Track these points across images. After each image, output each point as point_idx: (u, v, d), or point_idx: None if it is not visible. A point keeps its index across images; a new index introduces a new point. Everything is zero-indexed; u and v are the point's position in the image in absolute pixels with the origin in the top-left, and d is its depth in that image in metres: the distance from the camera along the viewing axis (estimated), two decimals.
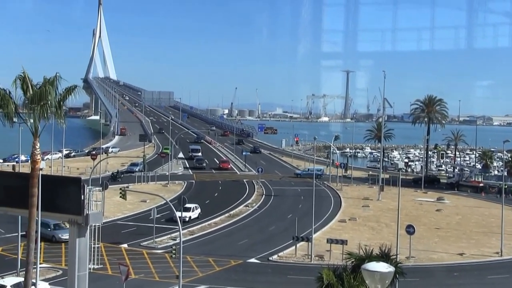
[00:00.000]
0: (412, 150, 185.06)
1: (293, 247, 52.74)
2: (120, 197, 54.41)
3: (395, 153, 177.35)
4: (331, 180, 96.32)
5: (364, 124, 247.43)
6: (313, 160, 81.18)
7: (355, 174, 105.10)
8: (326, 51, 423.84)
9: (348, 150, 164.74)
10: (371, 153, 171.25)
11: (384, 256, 27.41)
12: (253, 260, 50.57)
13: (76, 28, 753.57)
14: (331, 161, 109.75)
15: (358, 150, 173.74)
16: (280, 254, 52.33)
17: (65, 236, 50.00)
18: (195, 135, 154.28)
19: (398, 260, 31.21)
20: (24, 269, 36.47)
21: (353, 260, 27.62)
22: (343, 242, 50.35)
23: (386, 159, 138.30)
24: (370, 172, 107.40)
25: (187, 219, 62.36)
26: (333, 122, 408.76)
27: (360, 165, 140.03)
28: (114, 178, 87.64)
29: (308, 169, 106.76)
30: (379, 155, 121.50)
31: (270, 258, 51.15)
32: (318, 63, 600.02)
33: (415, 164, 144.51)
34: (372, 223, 67.59)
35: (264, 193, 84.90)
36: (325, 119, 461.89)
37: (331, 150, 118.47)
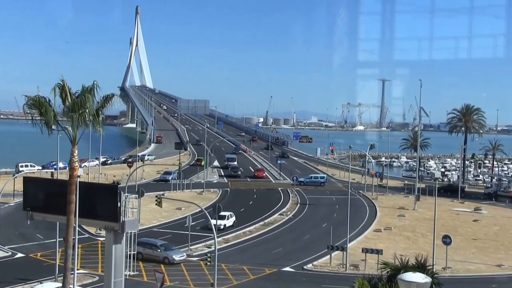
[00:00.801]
0: (448, 160, 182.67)
1: (328, 256, 52.55)
2: (156, 204, 54.98)
3: (431, 162, 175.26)
4: (366, 189, 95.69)
5: (400, 133, 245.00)
6: (348, 169, 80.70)
7: (391, 183, 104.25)
8: (362, 59, 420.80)
9: (383, 159, 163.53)
10: (406, 162, 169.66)
11: (420, 266, 27.12)
12: (287, 268, 50.48)
13: (114, 37, 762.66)
14: (367, 170, 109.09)
15: (393, 159, 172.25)
16: (314, 263, 52.16)
17: (179, 257, 49.83)
18: (234, 145, 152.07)
19: (434, 270, 30.85)
20: (62, 274, 37.05)
21: (389, 270, 27.43)
22: (378, 252, 50.01)
23: (422, 169, 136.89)
24: (406, 182, 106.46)
25: (222, 227, 62.46)
26: (368, 131, 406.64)
27: (396, 174, 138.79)
28: None
29: (312, 176, 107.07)
30: (415, 164, 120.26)
31: (305, 267, 51.01)
32: (354, 71, 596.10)
33: (452, 174, 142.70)
34: (408, 233, 66.97)
35: (299, 201, 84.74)
36: (361, 128, 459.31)
37: (366, 159, 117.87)
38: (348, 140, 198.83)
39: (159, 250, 50.01)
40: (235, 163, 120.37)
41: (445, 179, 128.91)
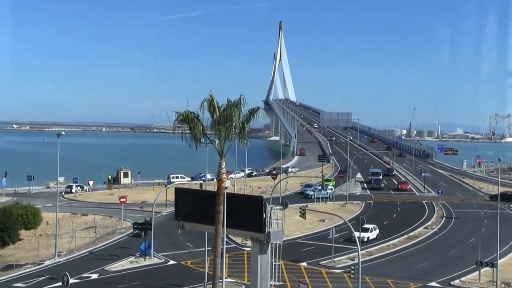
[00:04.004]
0: None
1: (477, 272, 50.80)
2: (300, 216, 55.72)
3: None
4: None
5: None
6: (498, 183, 77.73)
7: None
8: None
9: None
10: None
11: None
12: (433, 283, 49.29)
13: (258, 52, 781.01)
14: None
15: None
16: (462, 279, 50.58)
17: None
18: (387, 167, 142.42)
19: None
20: (211, 282, 38.53)
21: None
22: None
23: None
24: None
25: (365, 239, 62.29)
26: None
27: None
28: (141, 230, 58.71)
29: (320, 188, 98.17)
30: None
31: (452, 283, 49.59)
32: (503, 81, 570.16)
33: None
34: None
35: (444, 215, 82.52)
36: (510, 139, 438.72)
37: None
38: (497, 152, 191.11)
39: None
40: (380, 177, 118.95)
41: None
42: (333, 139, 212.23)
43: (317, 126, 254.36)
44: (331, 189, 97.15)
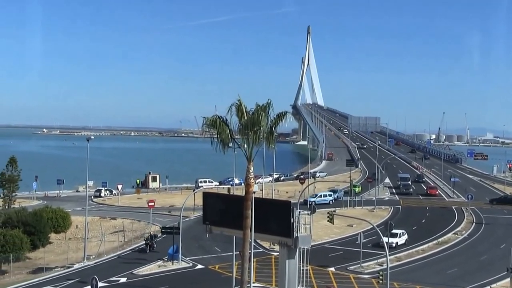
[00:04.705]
0: None
1: (508, 279, 50.11)
2: (328, 221, 55.53)
3: None
4: None
5: None
6: None
7: None
8: None
9: None
10: None
11: None
12: None
13: (287, 56, 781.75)
14: None
15: None
16: (493, 285, 49.96)
17: None
18: (417, 173, 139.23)
19: None
20: (239, 287, 38.53)
21: None
22: None
23: None
24: None
25: (394, 245, 61.82)
26: None
27: None
28: (150, 246, 61.37)
29: (320, 194, 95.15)
30: None
31: None
32: None
33: None
34: None
35: (474, 220, 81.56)
36: None
37: None
38: None
39: None
40: (409, 182, 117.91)
41: None
42: (365, 146, 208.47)
43: (347, 132, 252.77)
44: (330, 195, 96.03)
